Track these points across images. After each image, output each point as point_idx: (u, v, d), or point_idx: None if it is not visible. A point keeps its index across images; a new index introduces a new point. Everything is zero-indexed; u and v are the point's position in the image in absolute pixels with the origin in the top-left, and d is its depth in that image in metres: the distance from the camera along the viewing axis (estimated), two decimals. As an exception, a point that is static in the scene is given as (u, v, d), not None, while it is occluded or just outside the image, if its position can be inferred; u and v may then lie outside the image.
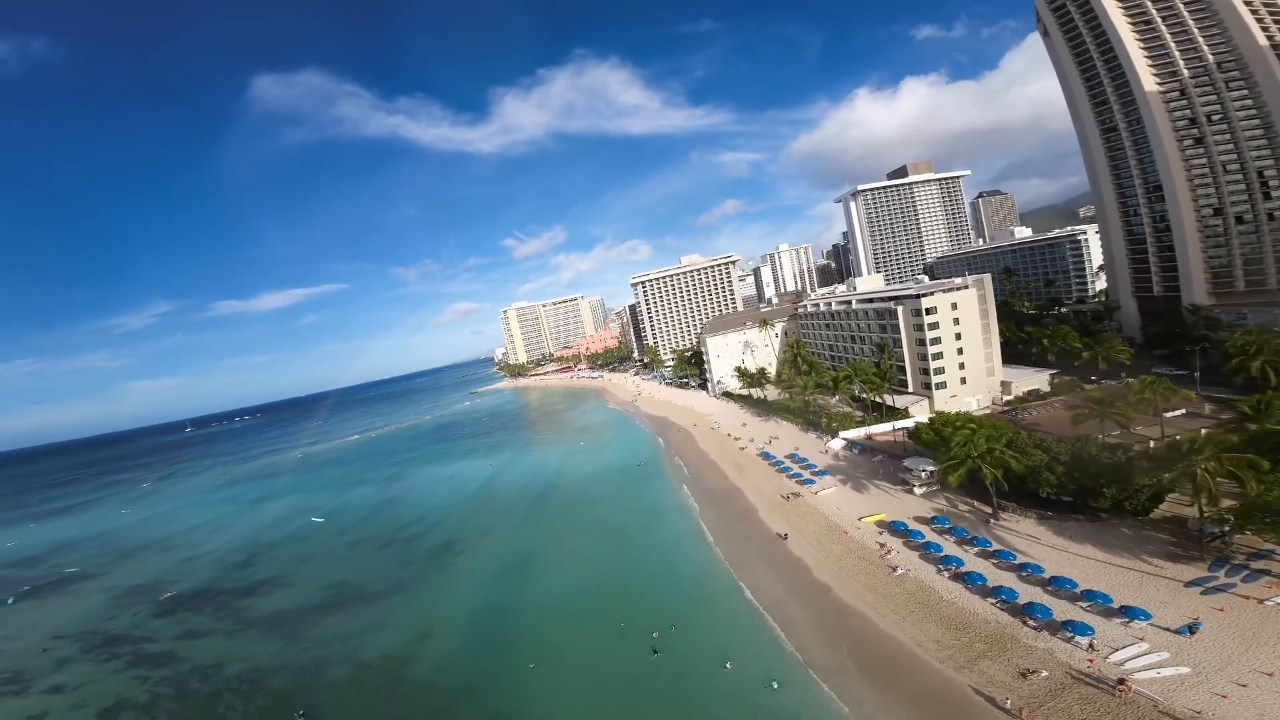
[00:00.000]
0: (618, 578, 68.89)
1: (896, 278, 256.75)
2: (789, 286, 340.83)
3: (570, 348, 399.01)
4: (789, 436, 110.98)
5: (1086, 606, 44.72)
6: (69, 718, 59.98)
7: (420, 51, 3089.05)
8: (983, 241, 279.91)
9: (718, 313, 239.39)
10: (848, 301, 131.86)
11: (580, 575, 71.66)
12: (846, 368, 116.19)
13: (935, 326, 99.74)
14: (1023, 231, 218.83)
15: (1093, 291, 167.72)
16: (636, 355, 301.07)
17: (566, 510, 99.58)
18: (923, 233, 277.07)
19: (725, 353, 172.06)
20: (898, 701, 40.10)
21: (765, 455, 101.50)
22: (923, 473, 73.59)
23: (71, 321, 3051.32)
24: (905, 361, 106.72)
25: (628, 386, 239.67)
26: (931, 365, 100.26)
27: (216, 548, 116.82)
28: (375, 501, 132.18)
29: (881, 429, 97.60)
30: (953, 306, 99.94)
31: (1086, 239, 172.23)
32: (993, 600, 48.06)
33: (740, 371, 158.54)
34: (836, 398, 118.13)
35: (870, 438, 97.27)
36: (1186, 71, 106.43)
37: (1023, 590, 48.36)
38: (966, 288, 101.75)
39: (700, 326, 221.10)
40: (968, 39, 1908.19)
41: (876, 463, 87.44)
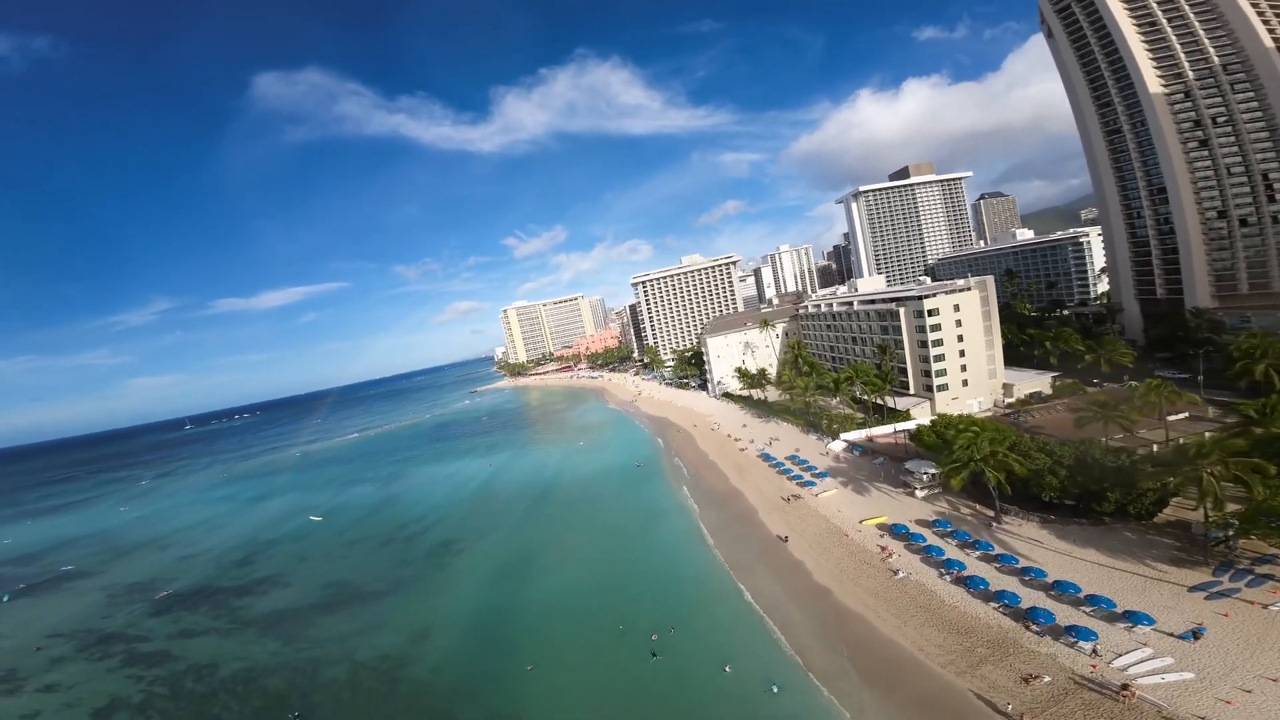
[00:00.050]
0: (617, 579, 68.44)
1: (898, 279, 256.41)
2: (790, 287, 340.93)
3: (570, 347, 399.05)
4: (789, 438, 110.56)
5: (1090, 611, 44.35)
6: (61, 717, 59.55)
7: (422, 50, 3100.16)
8: (984, 243, 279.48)
9: (718, 313, 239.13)
10: (849, 302, 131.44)
11: (579, 576, 71.23)
12: (848, 369, 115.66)
13: (937, 328, 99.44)
14: (1025, 233, 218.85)
15: (1095, 294, 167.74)
16: (636, 355, 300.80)
17: (566, 510, 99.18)
18: (924, 234, 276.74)
19: (726, 353, 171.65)
20: (899, 706, 39.77)
21: (765, 457, 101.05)
22: (924, 475, 73.03)
23: (72, 318, 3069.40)
24: (907, 363, 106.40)
25: (628, 386, 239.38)
26: (933, 367, 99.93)
27: (214, 546, 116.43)
28: (374, 500, 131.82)
29: (883, 431, 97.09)
30: (955, 308, 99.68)
31: (1089, 241, 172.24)
32: (995, 604, 47.66)
33: (741, 372, 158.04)
34: (837, 399, 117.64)
35: (871, 440, 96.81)
36: (1192, 73, 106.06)
37: (1025, 595, 47.92)
38: (969, 289, 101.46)
39: (701, 327, 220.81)
40: (970, 40, 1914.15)
41: (878, 465, 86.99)
